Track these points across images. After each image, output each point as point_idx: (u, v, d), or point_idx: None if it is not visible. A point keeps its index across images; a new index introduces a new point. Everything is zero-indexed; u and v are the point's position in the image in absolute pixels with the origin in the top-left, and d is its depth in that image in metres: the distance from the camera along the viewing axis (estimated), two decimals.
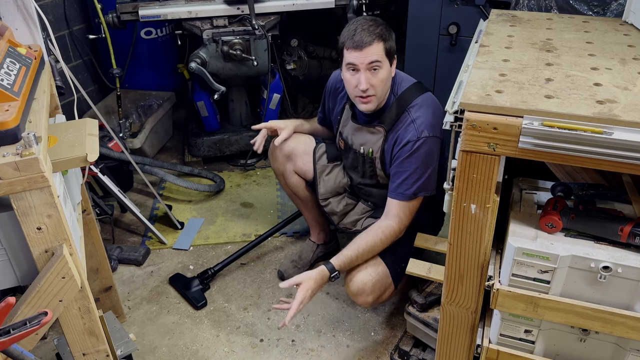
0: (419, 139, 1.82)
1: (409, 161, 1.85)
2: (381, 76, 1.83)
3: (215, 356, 2.03)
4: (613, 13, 1.91)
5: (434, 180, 1.89)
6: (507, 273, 1.27)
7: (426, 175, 1.85)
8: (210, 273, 2.32)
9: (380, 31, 1.80)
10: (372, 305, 1.98)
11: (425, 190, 1.88)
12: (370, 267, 1.92)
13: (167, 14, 2.71)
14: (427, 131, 1.83)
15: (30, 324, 1.06)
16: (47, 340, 2.05)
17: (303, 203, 2.33)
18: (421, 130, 1.83)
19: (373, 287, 1.91)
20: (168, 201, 2.90)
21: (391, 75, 1.89)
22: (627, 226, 1.19)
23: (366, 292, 1.90)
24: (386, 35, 1.81)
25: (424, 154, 1.83)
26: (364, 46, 1.79)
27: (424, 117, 1.85)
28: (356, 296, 1.92)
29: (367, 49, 1.79)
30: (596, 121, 1.06)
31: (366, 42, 1.79)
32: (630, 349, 1.26)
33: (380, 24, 1.83)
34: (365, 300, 1.93)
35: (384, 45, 1.80)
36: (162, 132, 3.42)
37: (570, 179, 1.51)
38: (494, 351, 1.38)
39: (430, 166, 1.85)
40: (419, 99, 1.90)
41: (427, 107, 1.88)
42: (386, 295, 2.00)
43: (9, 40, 1.40)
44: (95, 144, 1.45)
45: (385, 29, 1.83)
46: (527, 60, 1.33)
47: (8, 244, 1.27)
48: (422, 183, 1.86)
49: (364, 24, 1.82)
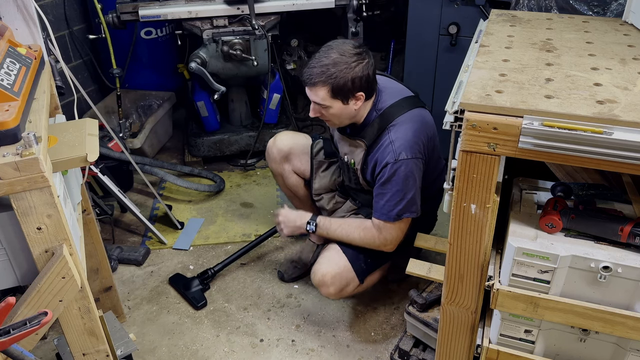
0: (397, 161, 1.80)
1: (390, 184, 1.84)
2: (332, 112, 1.83)
3: (215, 356, 2.03)
4: (613, 13, 1.91)
5: (417, 200, 1.87)
6: (507, 273, 1.27)
7: (408, 197, 1.83)
8: (210, 273, 2.32)
9: (331, 73, 1.74)
10: (337, 296, 2.03)
11: (409, 212, 1.87)
12: (332, 259, 1.99)
13: (167, 14, 2.71)
14: (405, 153, 1.80)
15: (30, 324, 1.06)
16: (47, 340, 2.05)
17: (302, 203, 2.34)
18: (399, 153, 1.80)
19: (333, 279, 1.96)
20: (168, 201, 2.90)
21: (349, 109, 1.83)
22: (627, 226, 1.19)
23: (327, 284, 1.96)
24: (338, 75, 1.74)
25: (403, 176, 1.81)
26: (309, 85, 1.80)
27: (403, 138, 1.81)
28: (319, 287, 1.99)
29: (313, 89, 1.80)
30: (596, 121, 1.06)
31: (311, 83, 1.79)
32: (630, 349, 1.26)
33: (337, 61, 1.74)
34: (328, 292, 1.98)
35: (329, 89, 1.76)
36: (162, 132, 3.42)
37: (570, 179, 1.51)
38: (494, 351, 1.38)
39: (411, 188, 1.83)
40: (403, 117, 1.86)
41: (408, 127, 1.84)
42: (350, 288, 2.02)
43: (9, 40, 1.40)
44: (95, 144, 1.45)
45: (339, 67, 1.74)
46: (527, 60, 1.33)
47: (8, 244, 1.27)
48: (405, 205, 1.84)
49: (320, 58, 1.78)
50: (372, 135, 1.88)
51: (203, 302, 2.24)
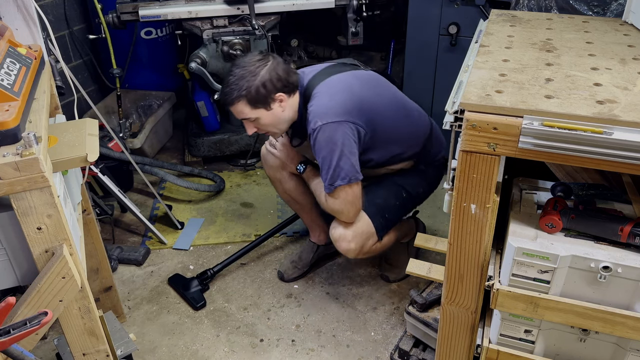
0: (314, 130, 1.79)
1: (317, 155, 1.82)
2: (263, 122, 1.85)
3: (215, 356, 2.03)
4: (613, 13, 1.91)
5: (350, 165, 1.79)
6: (507, 273, 1.27)
7: (334, 164, 1.78)
8: (210, 274, 2.32)
9: (240, 86, 1.77)
10: (356, 252, 1.99)
11: (340, 179, 1.80)
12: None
13: (167, 14, 2.71)
14: (319, 119, 1.78)
15: (31, 324, 1.06)
16: (47, 340, 2.05)
17: (301, 207, 2.32)
18: (314, 122, 1.79)
19: (354, 233, 1.94)
20: (168, 201, 2.90)
21: (277, 113, 1.85)
22: (627, 226, 1.19)
23: (347, 238, 1.94)
24: (247, 85, 1.77)
25: (324, 143, 1.77)
26: (229, 106, 1.82)
27: (316, 105, 1.81)
28: (338, 241, 1.96)
29: (233, 108, 1.82)
30: (596, 121, 1.06)
31: (229, 103, 1.82)
32: (630, 349, 1.26)
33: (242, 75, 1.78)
34: (348, 247, 1.95)
35: (246, 102, 1.79)
36: (162, 132, 3.42)
37: (570, 179, 1.51)
38: (494, 351, 1.38)
39: (335, 153, 1.77)
40: (317, 88, 1.85)
41: (323, 94, 1.82)
42: (369, 244, 2.00)
43: (9, 40, 1.40)
44: (95, 144, 1.45)
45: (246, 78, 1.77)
46: (527, 60, 1.33)
47: (8, 244, 1.27)
48: (333, 173, 1.79)
49: (228, 78, 1.81)
50: (304, 126, 1.87)
51: (202, 302, 2.24)
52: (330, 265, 2.44)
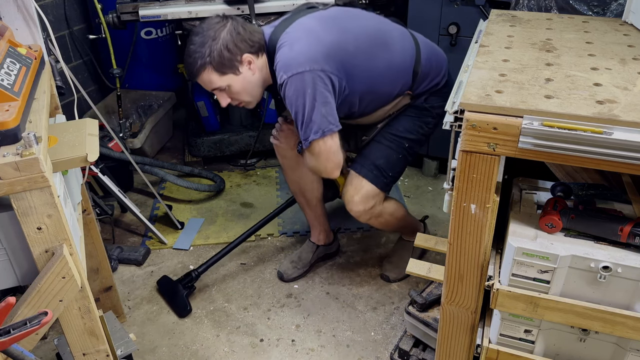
0: (281, 86, 1.68)
1: (290, 111, 1.71)
2: (235, 90, 1.75)
3: (215, 356, 2.03)
4: (613, 13, 1.91)
5: (321, 117, 1.67)
6: (507, 273, 1.27)
7: (306, 117, 1.67)
8: (194, 275, 2.26)
9: (202, 53, 1.66)
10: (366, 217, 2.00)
11: (314, 133, 1.69)
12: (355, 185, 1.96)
13: (167, 14, 2.71)
14: (284, 73, 1.66)
15: (31, 324, 1.06)
16: (47, 340, 2.05)
17: (307, 202, 2.31)
18: (280, 76, 1.67)
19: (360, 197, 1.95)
20: (168, 201, 2.91)
21: (247, 77, 1.74)
22: (627, 226, 1.19)
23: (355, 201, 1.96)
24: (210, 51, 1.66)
25: (293, 97, 1.66)
26: (195, 78, 1.72)
27: (279, 59, 1.69)
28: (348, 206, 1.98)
29: (200, 79, 1.72)
30: (596, 121, 1.06)
31: (194, 74, 1.71)
32: (630, 349, 1.26)
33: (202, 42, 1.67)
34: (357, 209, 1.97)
35: (212, 69, 1.69)
36: (162, 132, 3.42)
37: (570, 179, 1.52)
38: (494, 351, 1.38)
39: (306, 106, 1.65)
40: (279, 43, 1.72)
41: (283, 46, 1.69)
42: (377, 203, 1.99)
43: (9, 41, 1.40)
44: (95, 144, 1.45)
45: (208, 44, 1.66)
46: (527, 60, 1.33)
47: (8, 244, 1.27)
48: (307, 127, 1.68)
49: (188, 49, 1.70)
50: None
51: (187, 310, 2.18)
52: (330, 265, 2.45)
